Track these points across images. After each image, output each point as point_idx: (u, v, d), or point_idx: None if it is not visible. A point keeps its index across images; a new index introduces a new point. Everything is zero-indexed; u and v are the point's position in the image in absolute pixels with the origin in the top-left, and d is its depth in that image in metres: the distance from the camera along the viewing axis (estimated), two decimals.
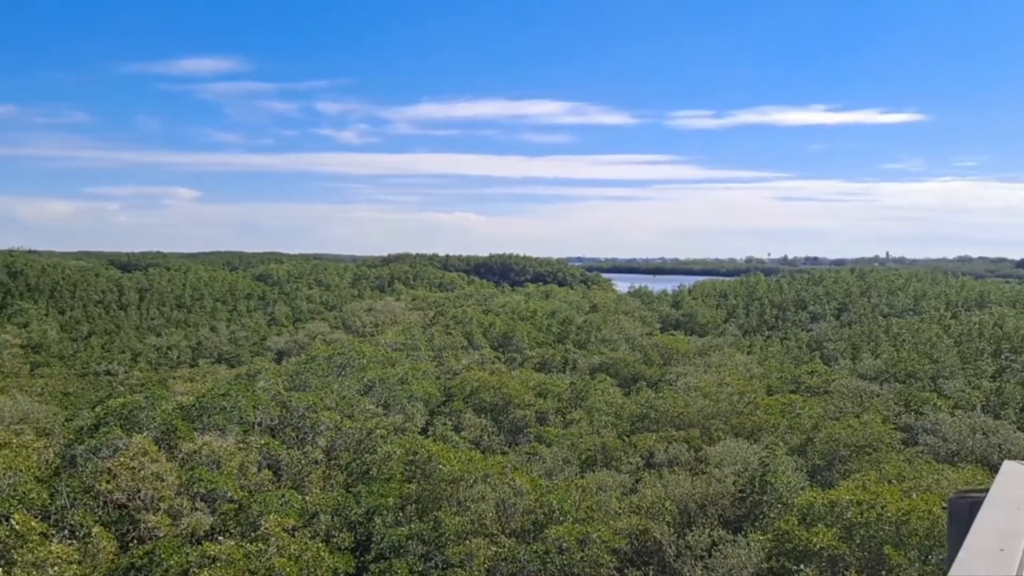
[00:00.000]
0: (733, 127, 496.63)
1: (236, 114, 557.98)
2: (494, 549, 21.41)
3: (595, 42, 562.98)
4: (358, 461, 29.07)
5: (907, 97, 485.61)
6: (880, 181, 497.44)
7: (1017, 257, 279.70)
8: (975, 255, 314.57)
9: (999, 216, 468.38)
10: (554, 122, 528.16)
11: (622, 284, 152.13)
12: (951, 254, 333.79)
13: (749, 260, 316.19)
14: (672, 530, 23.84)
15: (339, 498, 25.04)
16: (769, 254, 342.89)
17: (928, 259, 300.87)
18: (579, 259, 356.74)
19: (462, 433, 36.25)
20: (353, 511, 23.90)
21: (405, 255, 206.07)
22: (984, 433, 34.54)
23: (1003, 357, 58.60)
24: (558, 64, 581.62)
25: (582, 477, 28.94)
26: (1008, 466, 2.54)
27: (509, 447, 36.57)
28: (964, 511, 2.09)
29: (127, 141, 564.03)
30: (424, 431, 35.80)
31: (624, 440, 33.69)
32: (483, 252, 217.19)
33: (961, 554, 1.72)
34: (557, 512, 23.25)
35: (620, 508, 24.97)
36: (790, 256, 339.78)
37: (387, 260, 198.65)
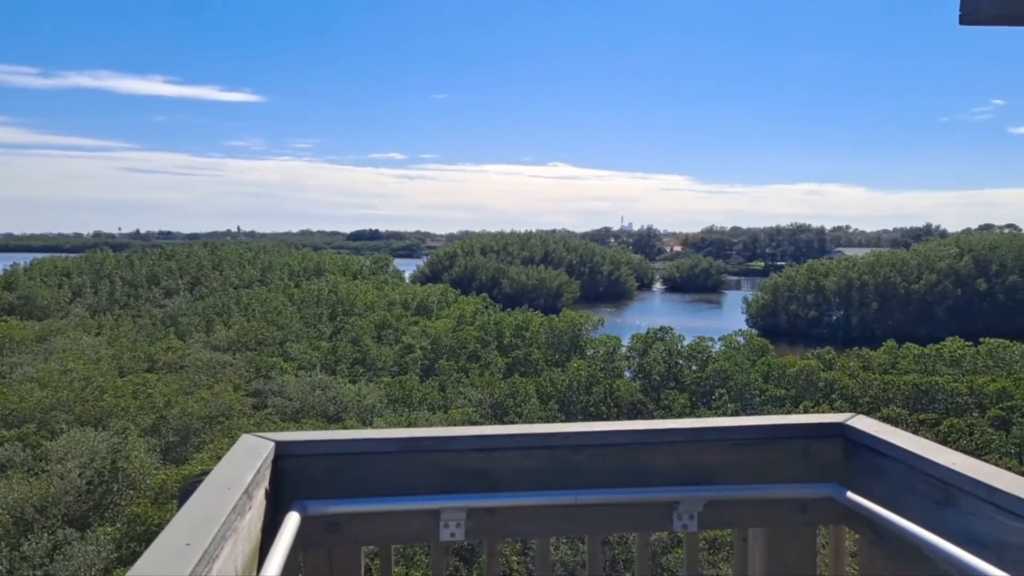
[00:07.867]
0: (65, 89, 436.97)
1: None
2: None
3: None
4: None
5: (243, 78, 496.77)
6: (226, 157, 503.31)
7: (349, 231, 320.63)
8: (315, 229, 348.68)
9: (331, 194, 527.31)
10: None
11: None
12: (295, 228, 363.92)
13: (98, 235, 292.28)
14: (6, 543, 21.03)
15: None
16: (120, 229, 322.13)
17: (275, 232, 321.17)
18: None
19: None
20: None
21: None
22: (322, 389, 39.02)
23: (338, 319, 66.92)
24: None
25: None
26: (243, 440, 2.40)
27: None
28: None
29: None
30: None
31: None
32: None
33: (144, 555, 1.56)
34: None
35: None
36: (143, 230, 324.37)
37: None
